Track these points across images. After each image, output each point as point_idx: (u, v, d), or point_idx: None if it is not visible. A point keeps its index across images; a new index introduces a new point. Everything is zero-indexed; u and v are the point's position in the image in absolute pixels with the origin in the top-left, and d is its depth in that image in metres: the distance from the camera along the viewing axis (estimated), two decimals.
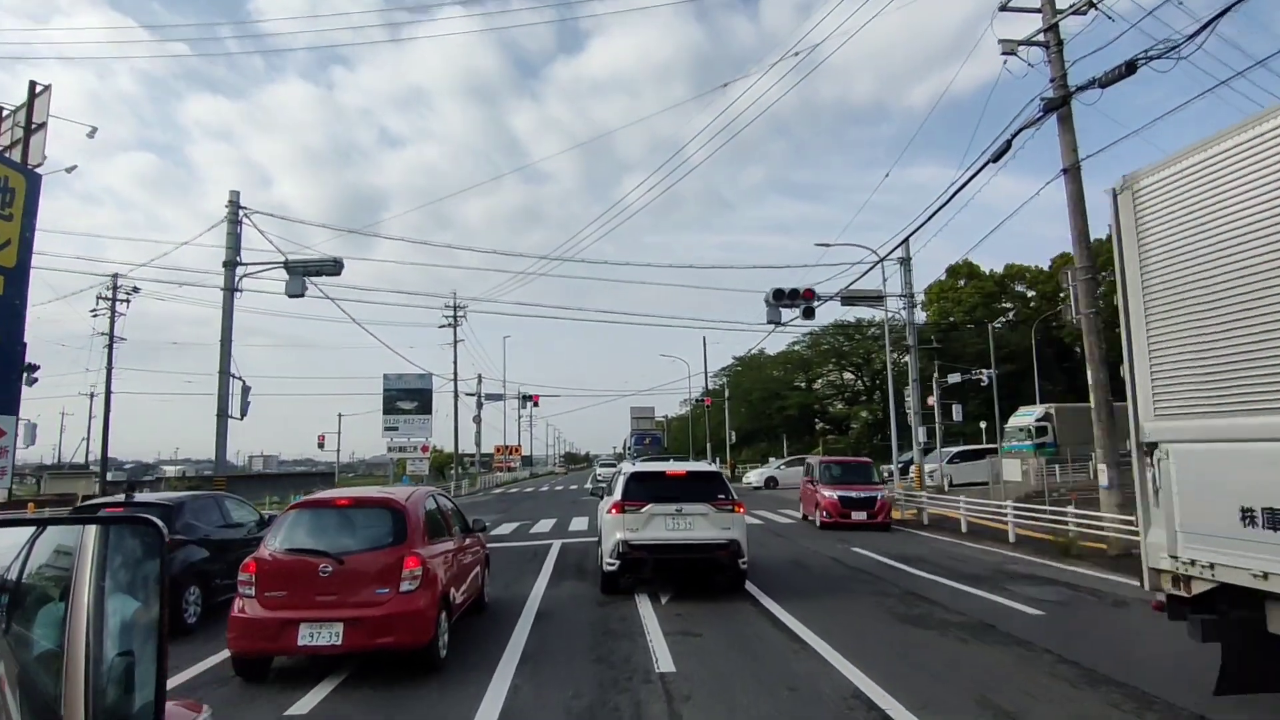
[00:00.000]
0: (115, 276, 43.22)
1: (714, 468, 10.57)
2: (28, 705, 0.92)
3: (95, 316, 43.25)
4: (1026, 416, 41.17)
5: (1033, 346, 46.44)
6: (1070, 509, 14.60)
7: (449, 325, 52.73)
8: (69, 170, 19.46)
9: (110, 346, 41.98)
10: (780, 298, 20.73)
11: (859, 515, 18.08)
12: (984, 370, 41.90)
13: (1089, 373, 14.14)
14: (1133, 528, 13.13)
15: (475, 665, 6.83)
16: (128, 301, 43.39)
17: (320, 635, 6.25)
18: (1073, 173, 14.44)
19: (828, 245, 27.05)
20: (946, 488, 23.79)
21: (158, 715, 0.98)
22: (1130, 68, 12.41)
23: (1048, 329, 56.34)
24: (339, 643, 6.22)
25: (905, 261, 21.91)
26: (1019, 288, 67.92)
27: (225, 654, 6.71)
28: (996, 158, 16.11)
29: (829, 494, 18.38)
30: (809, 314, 21.00)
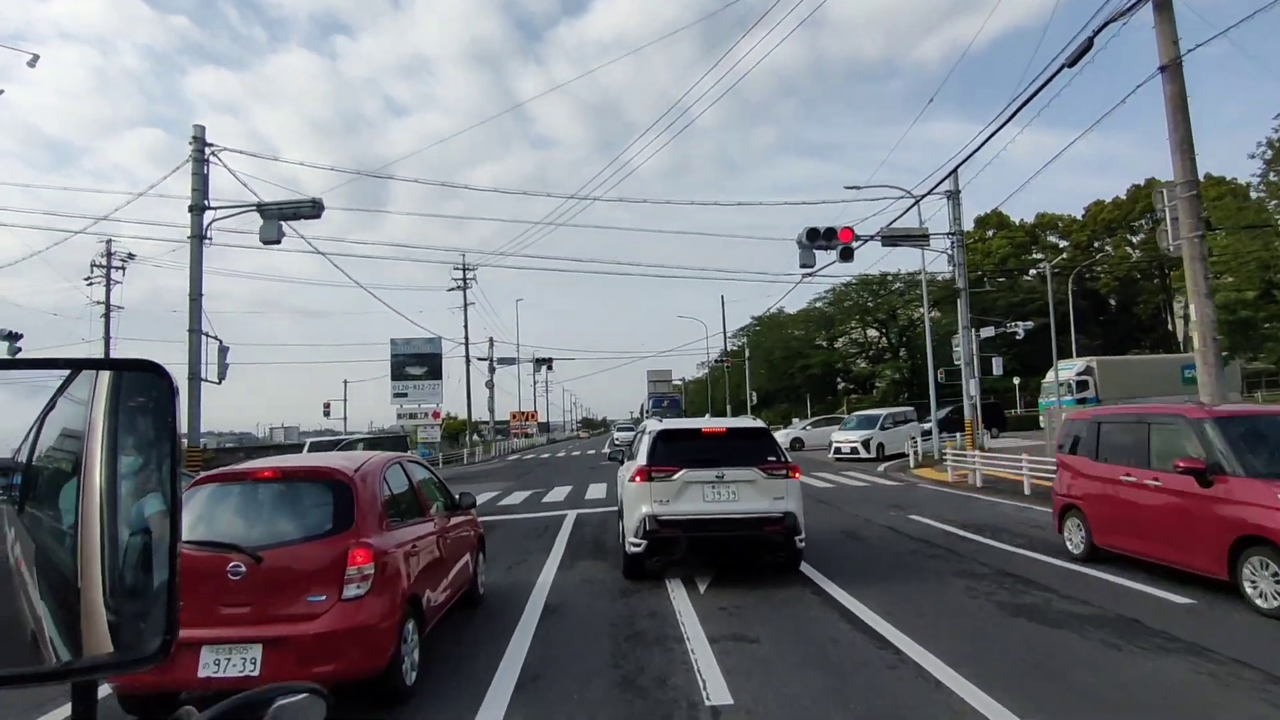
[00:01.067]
0: (109, 241, 41.69)
1: (760, 424, 8.61)
2: (46, 584, 0.87)
3: (90, 285, 41.85)
4: (1066, 370, 39.02)
5: (1069, 296, 43.81)
6: None
7: (458, 288, 50.88)
8: (31, 64, 17.14)
9: (107, 316, 40.53)
10: (814, 238, 18.54)
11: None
12: (1019, 323, 39.53)
13: (1194, 307, 11.99)
14: None
15: (455, 693, 4.97)
16: (123, 269, 42.01)
17: (229, 663, 4.40)
18: (1173, 70, 12.14)
19: (859, 188, 24.71)
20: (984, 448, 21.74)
21: (172, 595, 0.89)
22: None
23: (1081, 281, 53.70)
24: (256, 673, 4.37)
25: (954, 195, 19.62)
26: (1051, 238, 65.04)
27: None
28: (1073, 61, 13.75)
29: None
30: (846, 256, 18.81)
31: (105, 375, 0.99)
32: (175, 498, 0.94)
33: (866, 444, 27.54)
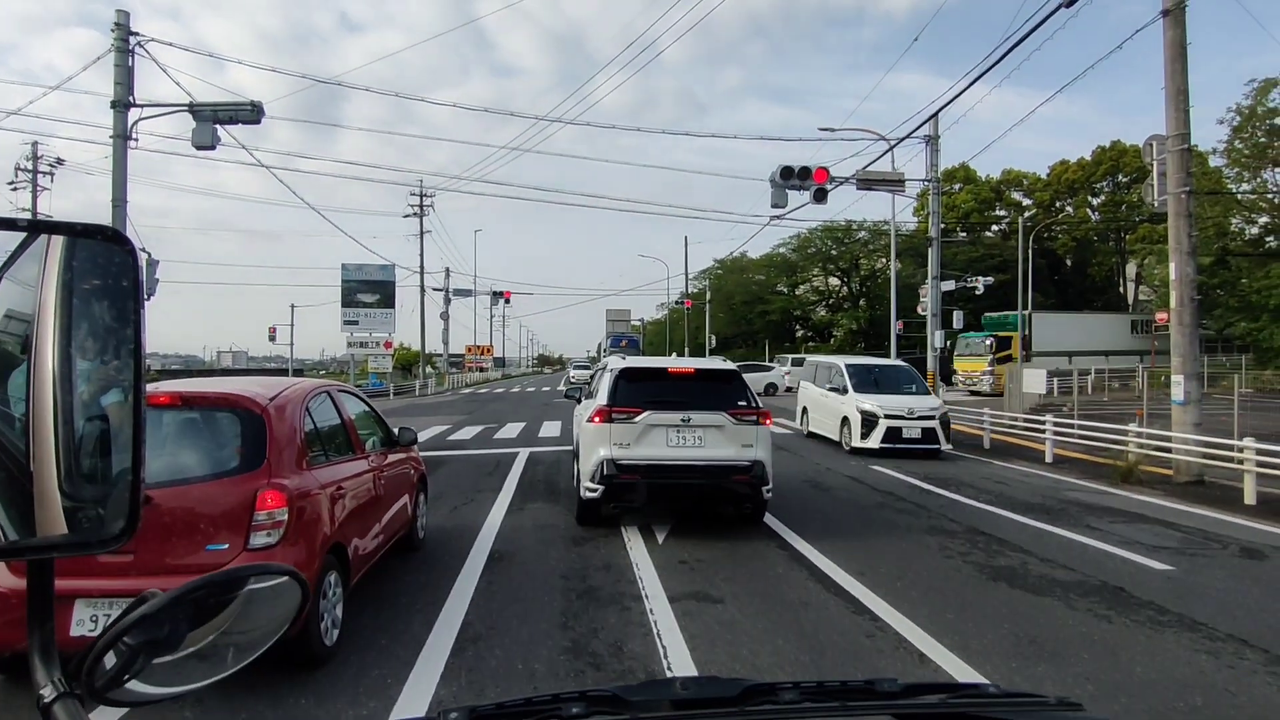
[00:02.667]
0: (35, 144, 38.90)
1: (731, 365, 8.01)
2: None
3: (15, 190, 39.17)
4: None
5: (1028, 254, 43.97)
6: (1134, 427, 12.40)
7: (414, 214, 48.97)
8: None
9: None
10: (788, 177, 17.78)
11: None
12: (979, 279, 39.52)
13: (1173, 265, 11.65)
14: (1213, 451, 11.00)
15: (380, 657, 4.36)
16: (51, 174, 39.29)
17: (109, 620, 3.70)
18: (1175, 14, 11.56)
19: (833, 130, 23.90)
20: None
21: (135, 482, 0.84)
22: None
23: (1040, 240, 53.95)
24: None
25: (933, 140, 18.97)
26: (1015, 195, 65.16)
27: None
28: (1071, 1, 13.09)
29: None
30: (820, 197, 18.11)
31: (59, 243, 0.89)
32: (139, 381, 0.87)
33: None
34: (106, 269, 0.90)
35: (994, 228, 64.68)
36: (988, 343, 37.87)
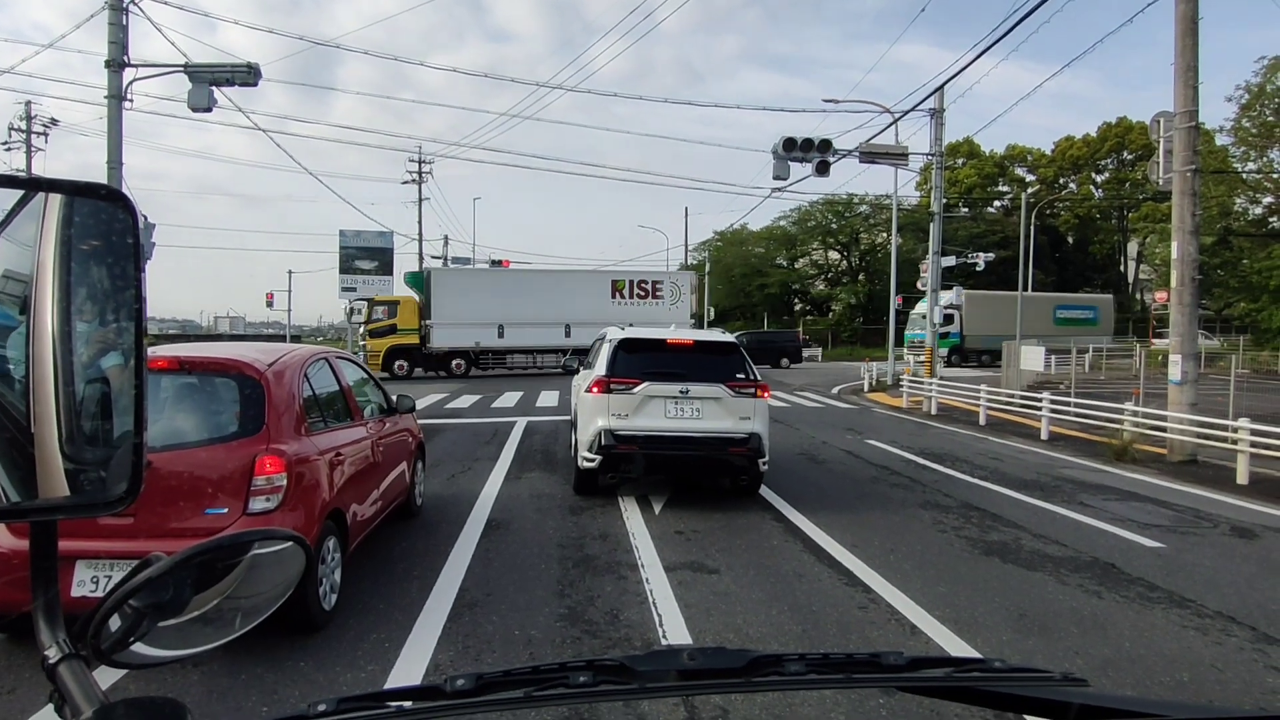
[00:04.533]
0: (29, 103, 38.44)
1: (730, 337, 8.00)
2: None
3: (9, 151, 38.76)
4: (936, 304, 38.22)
5: (1030, 231, 43.72)
6: (1130, 406, 12.44)
7: (413, 181, 48.57)
8: None
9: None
10: (791, 148, 17.63)
11: None
12: (980, 254, 39.26)
13: (1176, 244, 11.61)
14: (1209, 431, 11.05)
15: (378, 622, 4.40)
16: (45, 134, 38.85)
17: (110, 582, 3.73)
18: None
19: (837, 101, 23.71)
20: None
21: (138, 445, 0.84)
22: None
23: (1042, 216, 53.67)
24: None
25: (938, 113, 18.79)
26: (1019, 171, 64.73)
27: None
28: None
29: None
30: (823, 170, 17.98)
31: (56, 202, 0.88)
32: (140, 344, 0.87)
33: None
34: (106, 229, 0.89)
35: (996, 203, 64.33)
36: None
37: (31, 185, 0.90)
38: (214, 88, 14.10)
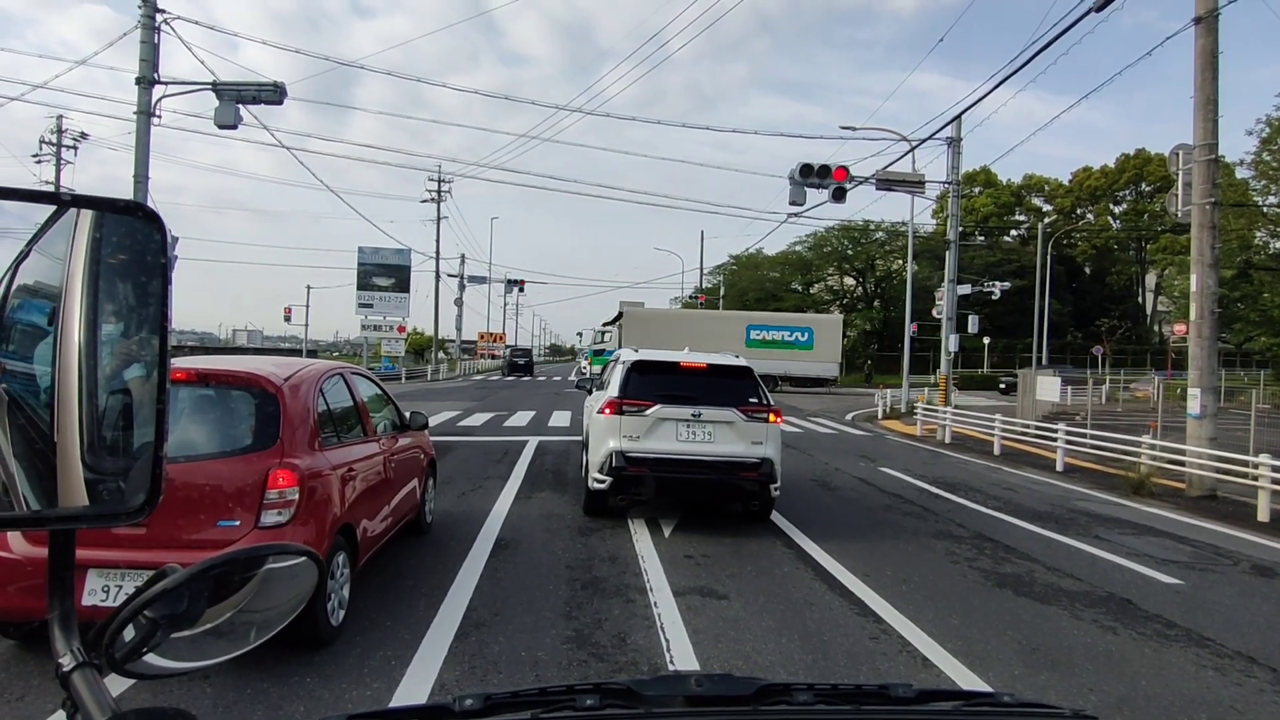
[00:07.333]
0: (59, 117, 39.20)
1: (743, 362, 8.00)
2: (20, 438, 0.83)
3: (39, 164, 39.49)
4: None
5: (1046, 261, 43.51)
6: (1147, 439, 12.30)
7: (431, 200, 49.05)
8: None
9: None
10: (808, 174, 17.69)
11: None
12: (995, 283, 39.11)
13: (1195, 277, 11.53)
14: (1228, 467, 10.89)
15: (385, 639, 4.39)
16: (75, 148, 39.57)
17: (120, 591, 3.74)
18: (1208, 22, 11.40)
19: (854, 128, 23.79)
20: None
21: (157, 456, 0.84)
22: None
23: (1059, 246, 53.45)
24: None
25: (954, 142, 18.83)
26: (1036, 200, 64.63)
27: None
28: (1101, 6, 12.90)
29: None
30: (839, 196, 18.01)
31: (88, 217, 0.89)
32: (163, 357, 0.88)
33: None
34: (135, 245, 0.90)
35: (1013, 232, 64.20)
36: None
37: (67, 203, 0.91)
38: (240, 105, 14.35)
